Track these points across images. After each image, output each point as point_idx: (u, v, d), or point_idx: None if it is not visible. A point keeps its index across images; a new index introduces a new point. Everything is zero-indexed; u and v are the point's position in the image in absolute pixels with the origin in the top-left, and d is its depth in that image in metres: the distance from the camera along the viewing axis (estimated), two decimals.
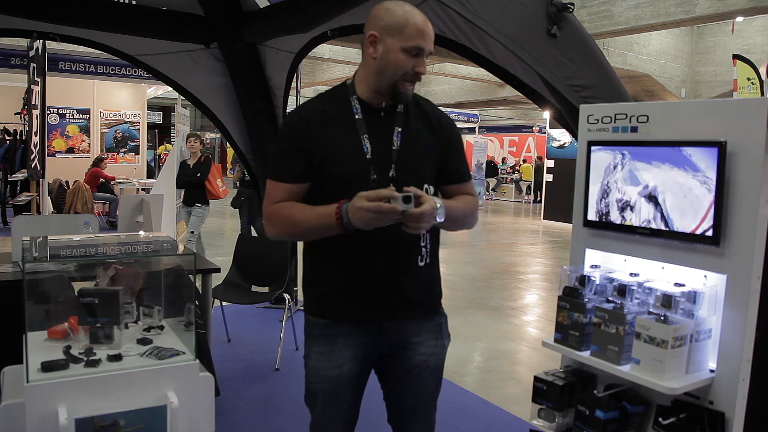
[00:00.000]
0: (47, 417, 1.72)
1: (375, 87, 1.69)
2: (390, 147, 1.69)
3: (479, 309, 5.98)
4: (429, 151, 1.74)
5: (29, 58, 6.42)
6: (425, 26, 1.64)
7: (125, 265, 2.32)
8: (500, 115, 25.94)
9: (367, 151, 1.67)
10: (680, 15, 10.11)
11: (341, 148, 1.67)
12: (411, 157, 1.70)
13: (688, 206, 1.78)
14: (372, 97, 1.71)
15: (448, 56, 12.56)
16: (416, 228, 1.56)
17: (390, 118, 1.72)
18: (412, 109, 1.75)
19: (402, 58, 1.63)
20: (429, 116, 1.78)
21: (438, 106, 1.85)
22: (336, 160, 1.67)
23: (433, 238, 1.78)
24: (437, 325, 1.84)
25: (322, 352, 1.76)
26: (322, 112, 1.73)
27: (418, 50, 1.63)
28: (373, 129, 1.70)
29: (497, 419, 3.43)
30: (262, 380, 3.85)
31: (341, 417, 1.81)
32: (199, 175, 6.55)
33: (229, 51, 4.55)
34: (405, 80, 1.64)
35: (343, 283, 1.72)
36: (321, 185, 1.70)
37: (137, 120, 11.79)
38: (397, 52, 1.63)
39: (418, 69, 1.64)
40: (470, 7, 2.42)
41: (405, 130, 1.71)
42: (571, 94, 2.42)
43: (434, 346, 1.81)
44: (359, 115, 1.70)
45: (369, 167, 1.66)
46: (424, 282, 1.78)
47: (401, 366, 1.80)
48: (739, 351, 1.70)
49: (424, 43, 1.63)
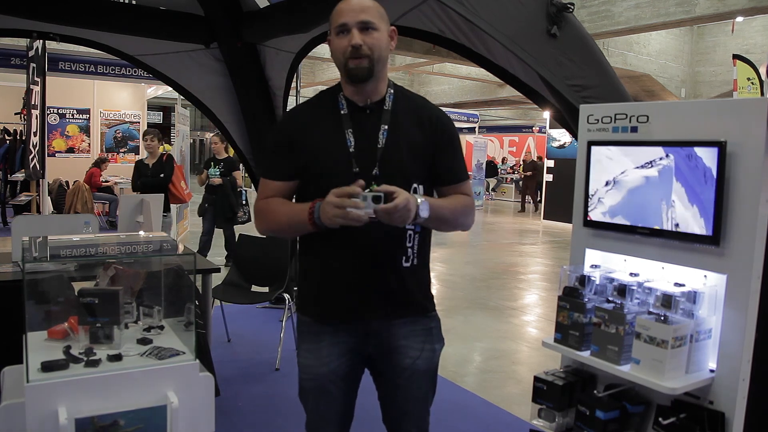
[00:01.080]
0: (47, 417, 1.72)
1: (345, 81, 1.73)
2: (375, 145, 1.69)
3: (479, 309, 5.98)
4: (417, 151, 1.73)
5: (29, 58, 6.42)
6: (345, 4, 1.67)
7: (125, 265, 2.32)
8: (500, 115, 25.93)
9: (350, 145, 1.68)
10: (680, 15, 10.11)
11: (325, 143, 1.70)
12: (396, 156, 1.69)
13: None
14: (352, 94, 1.73)
15: (448, 56, 12.56)
16: (391, 222, 1.55)
17: (376, 116, 1.72)
18: (402, 108, 1.75)
19: (336, 42, 1.68)
20: (420, 115, 1.77)
21: (437, 106, 1.84)
22: (320, 154, 1.69)
23: (421, 239, 1.76)
24: (426, 329, 1.82)
25: (310, 349, 1.78)
26: (312, 109, 1.79)
27: (342, 27, 1.66)
28: (359, 125, 1.71)
29: (497, 419, 3.43)
30: (262, 380, 3.85)
31: (333, 416, 1.81)
32: (163, 176, 5.87)
33: (229, 51, 4.55)
34: (349, 58, 1.66)
35: (327, 282, 1.74)
36: (307, 182, 1.73)
37: (137, 120, 11.79)
38: (334, 41, 1.69)
39: (351, 42, 1.64)
40: (470, 7, 2.42)
41: (392, 129, 1.71)
42: (571, 94, 2.43)
43: (421, 350, 1.79)
44: (345, 111, 1.72)
45: (351, 160, 1.67)
46: (408, 283, 1.75)
47: (391, 368, 1.80)
48: (739, 351, 1.70)
49: (343, 18, 1.65)
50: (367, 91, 1.71)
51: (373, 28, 1.65)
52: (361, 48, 1.64)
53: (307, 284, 1.81)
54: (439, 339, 1.85)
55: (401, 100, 1.76)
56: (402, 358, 1.78)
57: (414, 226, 1.71)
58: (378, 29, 1.67)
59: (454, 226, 1.80)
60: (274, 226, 1.76)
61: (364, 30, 1.64)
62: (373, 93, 1.73)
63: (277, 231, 1.81)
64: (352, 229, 1.58)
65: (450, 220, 1.75)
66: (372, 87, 1.71)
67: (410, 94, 1.82)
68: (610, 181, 2.01)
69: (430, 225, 1.73)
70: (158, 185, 5.73)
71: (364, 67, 1.66)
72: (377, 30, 1.66)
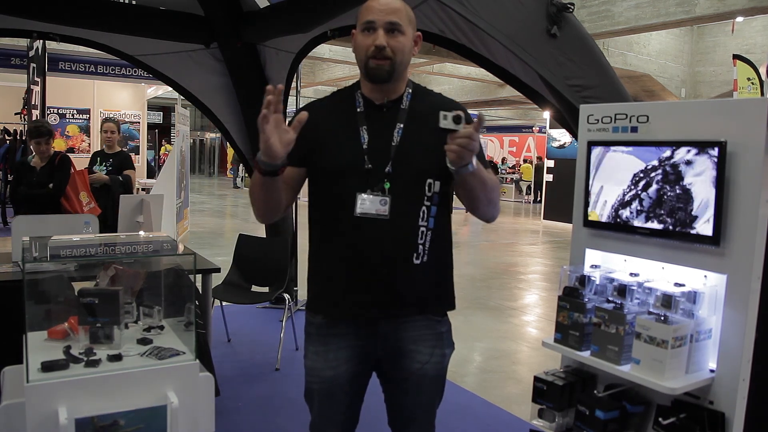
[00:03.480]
0: (47, 417, 1.72)
1: (364, 78, 1.72)
2: (389, 142, 1.68)
3: (479, 309, 5.98)
4: (433, 148, 1.68)
5: (29, 58, 6.43)
6: (376, 2, 1.65)
7: (125, 265, 2.31)
8: (500, 115, 25.92)
9: (363, 141, 1.67)
10: (680, 15, 10.10)
11: (339, 139, 1.69)
12: (410, 154, 1.69)
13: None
14: (370, 92, 1.72)
15: (448, 56, 12.55)
16: (462, 151, 1.51)
17: (392, 114, 1.72)
18: (419, 106, 1.74)
19: (360, 39, 1.67)
20: (438, 112, 1.74)
21: (455, 101, 1.80)
22: (332, 149, 1.69)
23: (434, 236, 1.72)
24: (438, 333, 1.78)
25: (318, 352, 1.76)
26: (329, 105, 1.78)
27: (368, 25, 1.64)
28: (374, 123, 1.70)
29: (497, 419, 3.43)
30: (262, 380, 3.85)
31: (339, 418, 1.80)
32: (52, 186, 4.34)
33: (229, 51, 4.55)
34: (371, 57, 1.65)
35: (336, 279, 1.72)
36: (316, 175, 1.72)
37: (137, 120, 11.78)
38: (358, 36, 1.68)
39: (376, 43, 1.63)
40: (470, 7, 2.42)
41: (407, 127, 1.70)
42: (571, 94, 2.43)
43: (431, 354, 1.76)
44: (361, 108, 1.72)
45: (364, 157, 1.66)
46: (419, 281, 1.71)
47: (399, 373, 1.78)
48: (739, 351, 1.70)
49: (372, 16, 1.64)
50: (386, 90, 1.71)
51: (399, 31, 1.64)
52: (384, 50, 1.63)
53: (318, 282, 1.78)
54: (449, 344, 1.82)
55: (419, 99, 1.75)
56: (411, 363, 1.75)
57: (427, 221, 1.69)
58: (404, 33, 1.66)
59: (488, 199, 1.70)
60: (254, 200, 1.69)
61: (390, 32, 1.63)
62: (392, 92, 1.72)
63: (258, 202, 1.71)
64: (361, 226, 1.60)
65: (487, 187, 1.67)
66: (391, 86, 1.71)
67: (428, 93, 1.81)
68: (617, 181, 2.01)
69: (472, 184, 1.63)
70: (45, 198, 4.30)
71: (385, 69, 1.65)
72: (403, 34, 1.65)
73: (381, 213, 1.64)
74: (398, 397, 1.83)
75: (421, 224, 1.69)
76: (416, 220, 1.68)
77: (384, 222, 1.62)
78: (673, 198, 1.82)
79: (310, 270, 1.81)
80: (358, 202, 1.64)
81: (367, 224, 1.63)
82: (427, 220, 1.69)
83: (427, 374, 1.77)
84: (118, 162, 5.30)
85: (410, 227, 1.68)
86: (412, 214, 1.68)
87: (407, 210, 1.67)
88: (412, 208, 1.68)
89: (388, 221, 1.63)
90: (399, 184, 1.66)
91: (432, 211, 1.70)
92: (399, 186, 1.66)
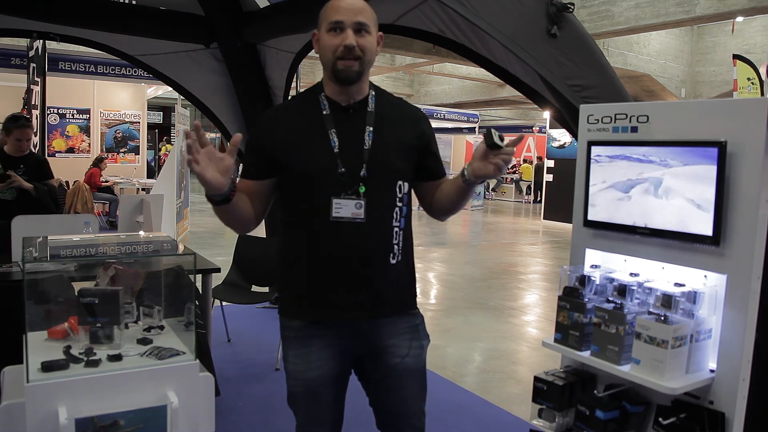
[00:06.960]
0: (47, 417, 1.72)
1: (329, 80, 1.71)
2: (361, 146, 1.68)
3: (479, 309, 5.98)
4: (403, 150, 1.74)
5: (29, 58, 6.44)
6: (342, 2, 1.65)
7: (125, 265, 2.31)
8: (500, 115, 25.93)
9: (334, 145, 1.67)
10: (680, 15, 10.12)
11: (307, 143, 1.68)
12: (383, 156, 1.69)
13: None
14: (335, 93, 1.72)
15: (448, 56, 12.56)
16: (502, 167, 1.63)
17: (359, 116, 1.72)
18: (384, 108, 1.75)
19: (327, 39, 1.65)
20: (403, 115, 1.79)
21: (414, 105, 1.87)
22: (302, 155, 1.68)
23: (404, 236, 1.76)
24: (413, 326, 1.82)
25: (299, 354, 1.76)
26: (292, 110, 1.79)
27: (336, 24, 1.63)
28: (342, 125, 1.70)
29: (497, 419, 3.43)
30: (262, 380, 3.84)
31: (327, 418, 1.81)
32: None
33: (229, 51, 4.56)
34: (339, 58, 1.64)
35: (315, 283, 1.71)
36: (288, 183, 1.72)
37: (137, 120, 11.79)
38: (324, 37, 1.66)
39: (345, 42, 1.62)
40: (470, 7, 2.42)
41: (377, 130, 1.71)
42: (571, 94, 2.42)
43: (409, 347, 1.78)
44: (327, 111, 1.71)
45: (336, 161, 1.66)
46: (396, 280, 1.75)
47: (379, 370, 1.79)
48: (739, 351, 1.70)
49: (339, 15, 1.63)
50: (351, 92, 1.71)
51: (366, 30, 1.65)
52: (354, 49, 1.63)
53: (294, 287, 1.76)
54: (425, 335, 1.86)
55: (382, 101, 1.77)
56: (390, 358, 1.77)
57: (399, 222, 1.73)
58: (371, 33, 1.67)
59: (461, 206, 1.86)
60: (223, 222, 1.71)
61: (357, 32, 1.64)
62: (357, 93, 1.72)
63: (227, 223, 1.72)
64: (341, 229, 1.61)
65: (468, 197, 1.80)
66: (356, 88, 1.71)
67: (389, 95, 1.83)
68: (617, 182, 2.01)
69: (467, 194, 1.76)
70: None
71: (354, 70, 1.65)
72: (370, 34, 1.67)
73: (356, 216, 1.64)
74: (382, 396, 1.84)
75: (395, 225, 1.72)
76: (390, 222, 1.71)
77: (360, 224, 1.63)
78: (673, 198, 1.82)
79: (284, 275, 1.80)
80: (333, 206, 1.64)
81: (344, 228, 1.64)
82: (399, 221, 1.73)
83: (407, 367, 1.78)
84: (32, 169, 4.07)
85: (385, 228, 1.70)
86: (386, 215, 1.70)
87: (382, 212, 1.69)
88: (387, 210, 1.70)
89: (364, 223, 1.64)
90: (373, 187, 1.67)
91: (403, 212, 1.74)
92: (373, 189, 1.67)
